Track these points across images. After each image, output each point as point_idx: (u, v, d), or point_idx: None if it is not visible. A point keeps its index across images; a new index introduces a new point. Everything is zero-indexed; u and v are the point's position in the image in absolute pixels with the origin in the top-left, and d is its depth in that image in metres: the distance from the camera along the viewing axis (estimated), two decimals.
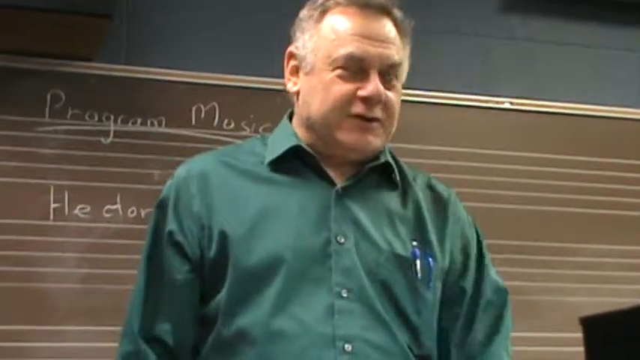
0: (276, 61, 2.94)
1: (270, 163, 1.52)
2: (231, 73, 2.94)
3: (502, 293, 1.60)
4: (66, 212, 2.72)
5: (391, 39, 1.50)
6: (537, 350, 2.97)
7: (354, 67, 1.48)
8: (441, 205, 1.59)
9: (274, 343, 1.39)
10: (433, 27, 3.09)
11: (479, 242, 1.62)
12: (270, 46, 3.01)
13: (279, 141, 1.55)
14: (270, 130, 2.86)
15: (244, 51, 2.99)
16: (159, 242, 1.51)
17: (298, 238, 1.45)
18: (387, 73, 1.49)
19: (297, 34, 1.57)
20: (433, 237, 1.54)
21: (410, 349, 1.46)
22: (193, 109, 2.89)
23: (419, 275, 1.49)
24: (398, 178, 1.57)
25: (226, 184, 1.50)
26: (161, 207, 1.53)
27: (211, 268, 1.46)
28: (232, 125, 2.90)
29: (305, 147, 1.52)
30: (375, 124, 1.49)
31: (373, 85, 1.47)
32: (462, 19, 3.24)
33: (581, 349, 2.53)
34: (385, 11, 1.52)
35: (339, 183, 1.51)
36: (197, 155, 1.61)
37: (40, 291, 2.66)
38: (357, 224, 1.48)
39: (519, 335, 2.94)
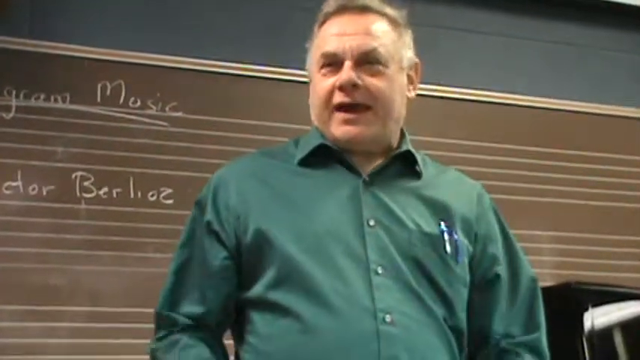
0: (182, 40, 2.96)
1: (300, 160, 1.66)
2: (139, 51, 2.90)
3: (534, 283, 1.72)
4: None
5: (369, 30, 1.63)
6: None
7: (332, 63, 1.62)
8: (469, 196, 1.72)
9: (321, 316, 1.49)
10: None
11: (503, 230, 1.74)
12: (178, 23, 3.01)
13: (308, 141, 1.69)
14: (176, 109, 2.92)
15: (152, 28, 2.95)
16: (193, 233, 1.65)
17: (335, 221, 1.57)
18: (366, 61, 1.61)
19: None
20: (459, 221, 1.65)
21: (445, 320, 1.57)
22: (99, 85, 2.84)
23: (448, 251, 1.60)
24: (421, 168, 1.69)
25: (262, 181, 1.63)
26: (199, 203, 1.67)
27: (249, 254, 1.58)
28: (138, 103, 2.87)
29: (329, 144, 1.65)
30: (360, 115, 1.62)
31: (344, 73, 1.60)
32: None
33: None
34: (365, 10, 1.65)
35: (367, 173, 1.64)
36: (235, 158, 1.76)
37: None
38: (385, 209, 1.60)
39: None
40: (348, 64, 1.60)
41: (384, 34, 1.64)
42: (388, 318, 1.49)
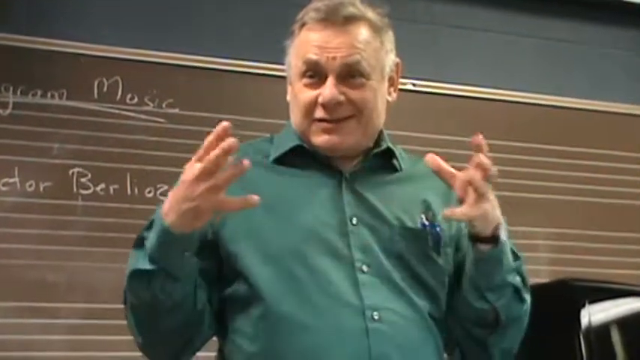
0: (179, 36, 2.96)
1: (275, 159, 1.65)
2: (136, 48, 2.90)
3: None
4: None
5: (352, 43, 1.61)
6: None
7: (314, 74, 1.60)
8: (443, 183, 1.71)
9: (308, 315, 1.50)
10: None
11: None
12: (175, 20, 3.01)
13: (284, 140, 1.68)
14: (173, 105, 2.92)
15: (149, 25, 2.95)
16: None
17: (317, 221, 1.57)
18: (349, 74, 1.60)
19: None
20: (438, 209, 1.64)
21: (430, 314, 1.59)
22: (96, 82, 2.85)
23: (429, 243, 1.62)
24: (400, 162, 1.71)
25: (243, 177, 1.58)
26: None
27: (225, 250, 1.56)
28: (135, 100, 2.87)
29: (305, 146, 1.64)
30: (342, 124, 1.61)
31: (327, 90, 1.58)
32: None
33: None
34: (347, 21, 1.62)
35: (347, 172, 1.65)
36: None
37: None
38: (367, 206, 1.61)
39: None
40: (331, 80, 1.58)
41: (366, 45, 1.61)
42: (376, 315, 1.51)
